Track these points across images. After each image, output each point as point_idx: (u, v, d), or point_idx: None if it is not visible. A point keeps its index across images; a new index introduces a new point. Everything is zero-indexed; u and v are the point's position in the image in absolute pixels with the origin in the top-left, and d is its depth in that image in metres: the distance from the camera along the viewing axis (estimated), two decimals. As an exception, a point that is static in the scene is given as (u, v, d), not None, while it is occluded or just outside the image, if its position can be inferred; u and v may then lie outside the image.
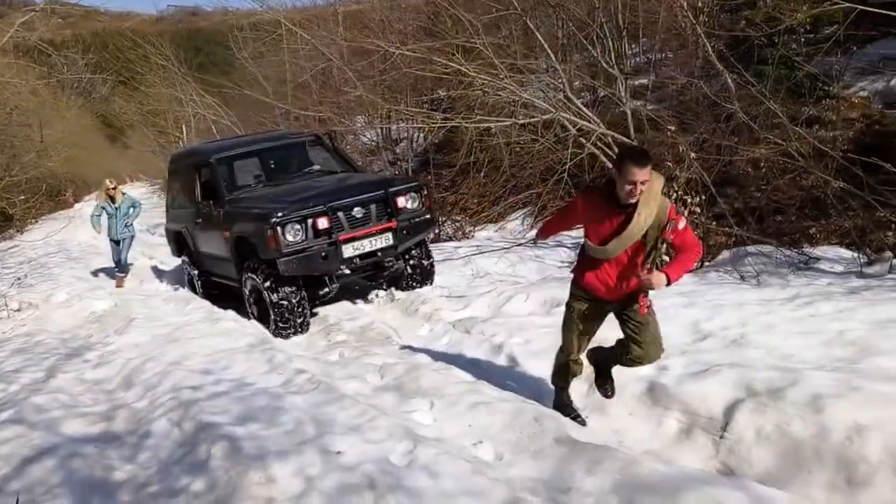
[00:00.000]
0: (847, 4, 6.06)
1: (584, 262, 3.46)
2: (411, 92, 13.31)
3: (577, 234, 9.21)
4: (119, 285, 9.86)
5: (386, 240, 6.53)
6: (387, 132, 15.35)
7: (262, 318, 6.61)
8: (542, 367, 4.57)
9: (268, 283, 6.31)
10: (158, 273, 10.67)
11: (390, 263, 6.88)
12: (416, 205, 6.80)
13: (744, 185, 7.56)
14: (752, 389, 3.49)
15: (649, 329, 3.42)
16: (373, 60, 12.17)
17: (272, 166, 7.76)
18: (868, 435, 2.90)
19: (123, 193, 10.09)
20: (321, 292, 6.62)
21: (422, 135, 14.35)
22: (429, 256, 7.35)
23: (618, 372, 4.14)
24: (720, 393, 3.58)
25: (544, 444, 3.33)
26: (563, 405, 3.83)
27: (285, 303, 6.28)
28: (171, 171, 9.20)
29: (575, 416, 3.77)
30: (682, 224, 3.19)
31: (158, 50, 21.30)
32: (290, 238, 6.10)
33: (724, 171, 7.57)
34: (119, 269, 10.03)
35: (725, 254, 7.03)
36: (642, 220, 3.11)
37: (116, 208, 9.81)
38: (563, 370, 3.80)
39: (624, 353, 3.55)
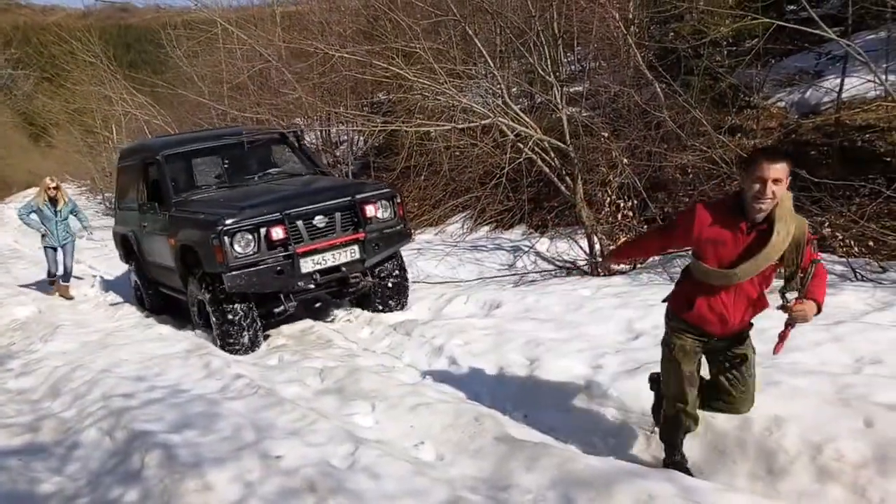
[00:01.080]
0: (766, 20, 6.42)
1: (691, 290, 2.91)
2: (351, 95, 13.26)
3: (515, 238, 9.40)
4: (65, 294, 8.97)
5: (352, 253, 5.86)
6: (326, 135, 15.22)
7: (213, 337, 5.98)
8: (481, 368, 4.66)
9: (212, 300, 5.70)
10: (87, 280, 10.25)
11: (356, 280, 6.12)
12: (387, 214, 6.12)
13: (673, 190, 7.88)
14: (681, 385, 3.64)
15: (749, 382, 3.00)
16: (312, 63, 12.04)
17: (229, 166, 6.98)
18: (786, 426, 3.08)
19: (67, 196, 9.07)
20: (276, 310, 5.95)
21: (362, 138, 14.30)
22: (403, 272, 6.56)
23: (555, 370, 4.27)
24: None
25: (484, 443, 3.39)
26: (678, 464, 3.13)
27: (232, 321, 5.65)
28: (120, 168, 8.32)
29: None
30: (814, 246, 2.76)
31: (86, 46, 20.42)
32: (239, 249, 5.43)
33: (655, 176, 7.87)
34: (63, 278, 8.98)
35: (656, 256, 7.30)
36: (781, 239, 2.64)
37: (58, 211, 8.73)
38: (675, 425, 3.10)
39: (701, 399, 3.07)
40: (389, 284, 6.42)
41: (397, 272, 6.48)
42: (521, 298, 6.13)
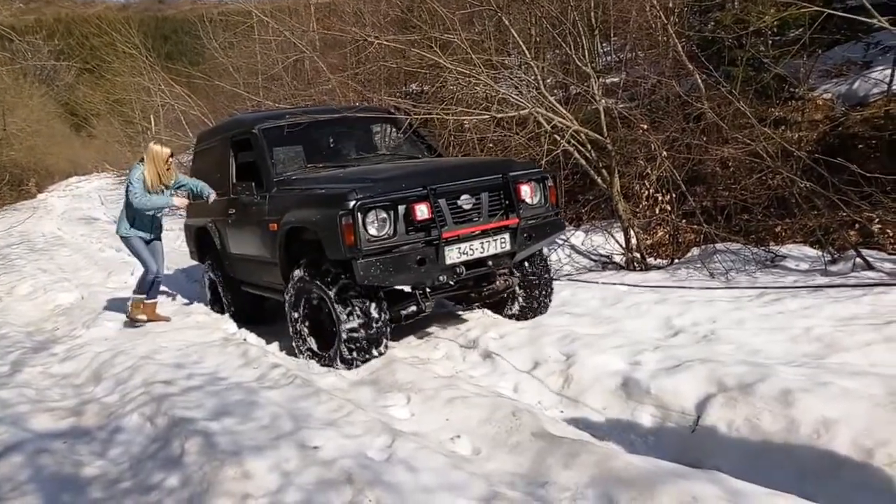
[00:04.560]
0: (814, 8, 6.20)
1: None
2: (385, 85, 13.26)
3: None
4: (150, 315, 6.46)
5: (502, 243, 4.72)
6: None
7: (322, 345, 4.98)
8: (517, 363, 4.62)
9: (339, 293, 4.60)
10: (127, 266, 10.46)
11: (502, 278, 5.15)
12: (538, 199, 5.04)
13: (712, 184, 7.71)
14: (723, 384, 3.57)
15: None
16: (345, 53, 12.06)
17: (335, 144, 5.98)
18: (836, 429, 2.99)
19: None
20: (404, 312, 4.87)
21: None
22: (548, 269, 5.53)
23: (592, 366, 4.21)
24: (692, 387, 3.65)
25: (522, 438, 3.36)
26: None
27: (363, 321, 4.59)
28: (198, 152, 7.18)
29: None
30: None
31: (125, 37, 20.76)
32: (373, 231, 4.37)
33: (694, 169, 7.70)
34: (152, 288, 6.49)
35: (695, 251, 7.17)
36: None
37: (166, 188, 6.27)
38: None
39: None
40: (539, 285, 5.42)
41: (540, 269, 5.47)
42: (556, 292, 6.07)
